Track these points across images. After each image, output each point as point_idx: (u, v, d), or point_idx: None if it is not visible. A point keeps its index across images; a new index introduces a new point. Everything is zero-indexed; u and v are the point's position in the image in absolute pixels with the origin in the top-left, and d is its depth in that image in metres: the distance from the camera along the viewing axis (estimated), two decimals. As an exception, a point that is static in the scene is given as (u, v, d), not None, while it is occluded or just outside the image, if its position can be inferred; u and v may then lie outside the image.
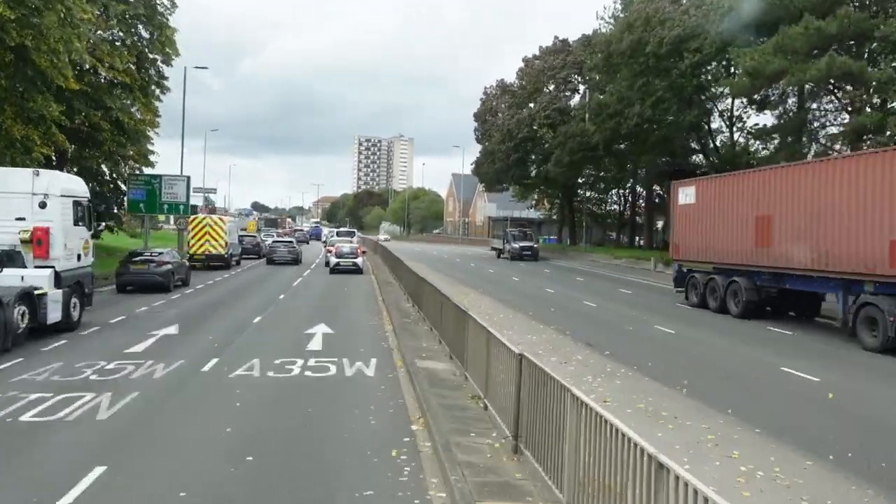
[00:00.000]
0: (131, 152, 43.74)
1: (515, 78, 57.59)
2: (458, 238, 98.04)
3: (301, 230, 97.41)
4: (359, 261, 36.38)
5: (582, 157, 42.83)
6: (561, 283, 34.37)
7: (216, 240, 38.34)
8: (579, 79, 55.11)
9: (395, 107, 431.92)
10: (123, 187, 44.45)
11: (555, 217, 69.49)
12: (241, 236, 49.23)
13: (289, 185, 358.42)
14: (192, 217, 42.55)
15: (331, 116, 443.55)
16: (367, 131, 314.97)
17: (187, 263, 29.74)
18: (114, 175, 43.22)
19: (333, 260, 36.20)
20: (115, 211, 46.09)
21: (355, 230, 58.27)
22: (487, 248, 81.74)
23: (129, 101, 39.61)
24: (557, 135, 46.10)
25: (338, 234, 56.02)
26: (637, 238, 60.29)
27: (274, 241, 48.08)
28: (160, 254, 26.18)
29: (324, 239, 78.52)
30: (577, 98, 56.61)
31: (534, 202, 70.73)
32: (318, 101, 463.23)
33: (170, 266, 25.50)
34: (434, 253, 64.50)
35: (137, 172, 44.78)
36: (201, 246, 38.36)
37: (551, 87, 55.10)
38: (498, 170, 55.26)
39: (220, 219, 41.01)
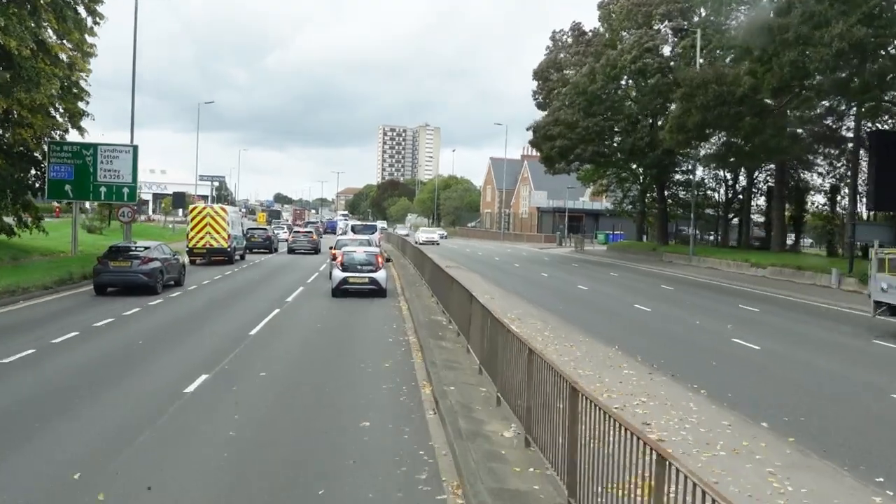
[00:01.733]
0: (58, 112, 30.34)
1: (599, 18, 42.85)
2: (498, 233, 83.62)
3: (313, 222, 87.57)
4: (380, 275, 22.24)
5: (718, 114, 28.26)
6: (750, 324, 19.80)
7: (218, 232, 34.04)
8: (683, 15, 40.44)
9: (420, 100, 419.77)
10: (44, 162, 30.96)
11: (629, 208, 54.71)
12: (252, 229, 47.53)
13: (315, 178, 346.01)
14: (192, 207, 38.32)
15: (356, 110, 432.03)
16: (393, 123, 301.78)
17: (182, 260, 25.90)
18: (24, 143, 29.44)
19: (338, 275, 22.08)
20: (33, 196, 32.44)
21: (377, 224, 43.82)
22: (538, 245, 67.29)
23: (32, 25, 25.88)
24: (682, 84, 31.17)
25: (353, 229, 41.65)
26: (746, 236, 45.40)
27: (295, 232, 49.24)
28: (147, 249, 22.55)
29: (339, 233, 65.52)
30: (670, 43, 41.92)
31: (603, 189, 55.76)
32: (345, 94, 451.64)
33: (158, 263, 22.08)
34: (479, 253, 50.10)
35: (59, 139, 31.28)
36: (201, 239, 33.96)
37: (642, 30, 40.44)
38: (566, 141, 40.53)
39: (222, 209, 36.84)
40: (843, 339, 17.03)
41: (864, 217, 33.79)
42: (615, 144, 43.37)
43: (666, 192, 48.28)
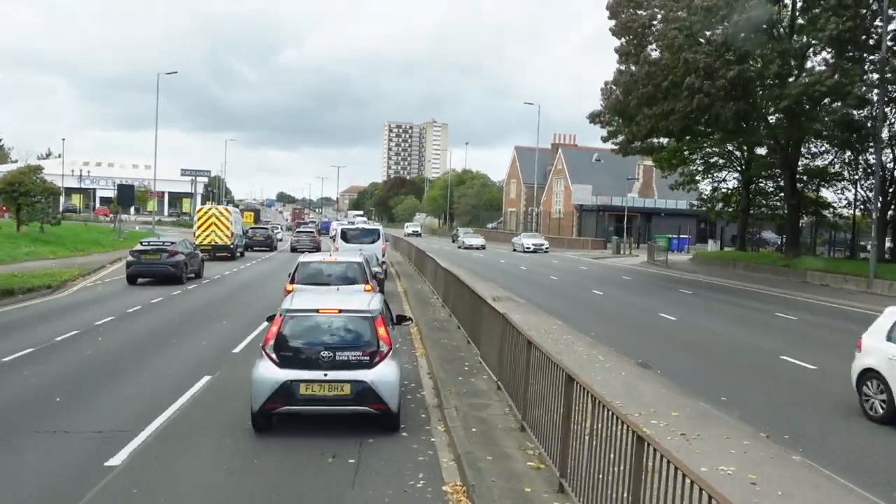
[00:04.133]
0: None
1: None
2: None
3: (306, 223, 79.35)
4: (380, 378, 8.18)
5: None
6: None
7: (222, 231, 36.36)
8: None
9: (434, 98, 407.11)
10: None
11: (719, 206, 40.47)
12: (254, 228, 50.46)
13: (322, 177, 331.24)
14: (199, 208, 41.43)
15: (369, 108, 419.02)
16: (402, 119, 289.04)
17: (200, 254, 28.10)
18: None
19: (267, 378, 8.09)
20: None
21: (380, 227, 29.26)
22: (585, 252, 52.31)
23: None
24: None
25: (344, 236, 27.28)
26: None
27: (298, 232, 52.38)
28: (172, 243, 25.15)
29: (332, 234, 52.56)
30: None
31: (685, 179, 41.18)
32: (357, 92, 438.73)
33: (182, 256, 24.52)
34: (521, 266, 36.03)
35: None
36: (207, 236, 35.82)
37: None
38: (699, 96, 25.82)
39: (227, 210, 39.24)
40: None
41: None
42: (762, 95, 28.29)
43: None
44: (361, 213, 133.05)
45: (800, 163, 33.61)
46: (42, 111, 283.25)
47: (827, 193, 36.99)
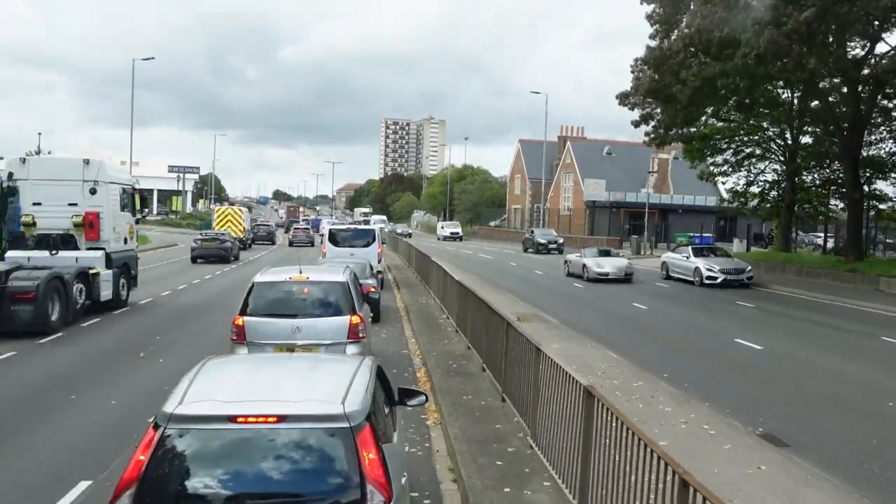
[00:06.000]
0: None
1: None
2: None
3: (299, 220, 79.91)
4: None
5: None
6: None
7: (236, 226, 43.81)
8: None
9: (434, 95, 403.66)
10: None
11: (755, 202, 35.91)
12: (257, 224, 58.84)
13: (320, 175, 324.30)
14: (218, 208, 52.43)
15: (364, 105, 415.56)
16: (399, 116, 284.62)
17: (238, 244, 37.99)
18: None
19: None
20: None
21: (376, 228, 24.50)
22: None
23: None
24: None
25: (333, 239, 22.67)
26: None
27: (295, 229, 56.38)
28: (223, 234, 36.10)
29: (322, 232, 48.62)
30: None
31: (716, 171, 36.57)
32: (357, 89, 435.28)
33: (230, 244, 34.37)
34: (537, 272, 31.61)
35: None
36: (224, 231, 41.09)
37: None
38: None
39: (240, 209, 48.95)
40: None
41: None
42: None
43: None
44: (370, 209, 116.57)
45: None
46: (40, 108, 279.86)
47: (881, 185, 32.61)
